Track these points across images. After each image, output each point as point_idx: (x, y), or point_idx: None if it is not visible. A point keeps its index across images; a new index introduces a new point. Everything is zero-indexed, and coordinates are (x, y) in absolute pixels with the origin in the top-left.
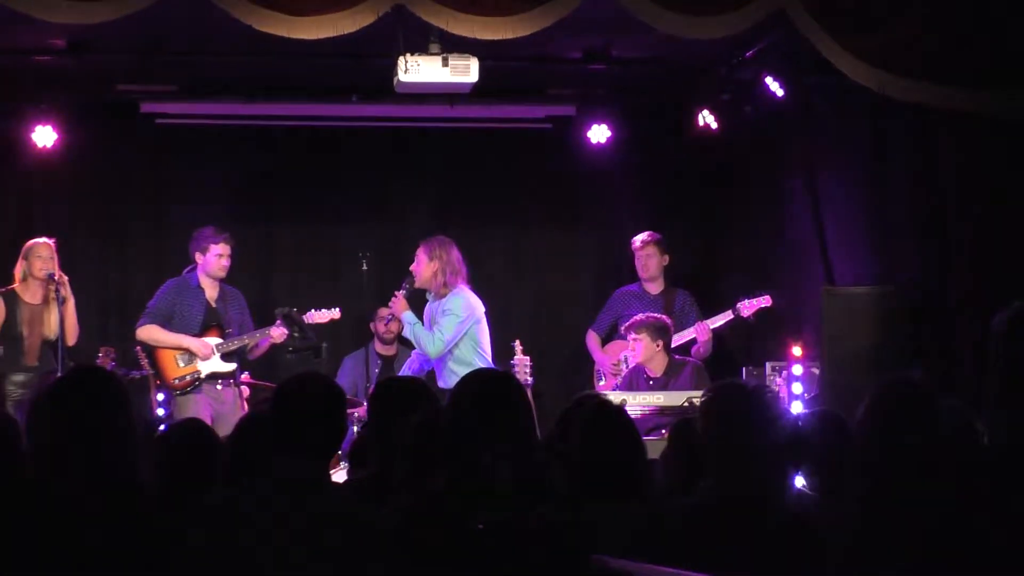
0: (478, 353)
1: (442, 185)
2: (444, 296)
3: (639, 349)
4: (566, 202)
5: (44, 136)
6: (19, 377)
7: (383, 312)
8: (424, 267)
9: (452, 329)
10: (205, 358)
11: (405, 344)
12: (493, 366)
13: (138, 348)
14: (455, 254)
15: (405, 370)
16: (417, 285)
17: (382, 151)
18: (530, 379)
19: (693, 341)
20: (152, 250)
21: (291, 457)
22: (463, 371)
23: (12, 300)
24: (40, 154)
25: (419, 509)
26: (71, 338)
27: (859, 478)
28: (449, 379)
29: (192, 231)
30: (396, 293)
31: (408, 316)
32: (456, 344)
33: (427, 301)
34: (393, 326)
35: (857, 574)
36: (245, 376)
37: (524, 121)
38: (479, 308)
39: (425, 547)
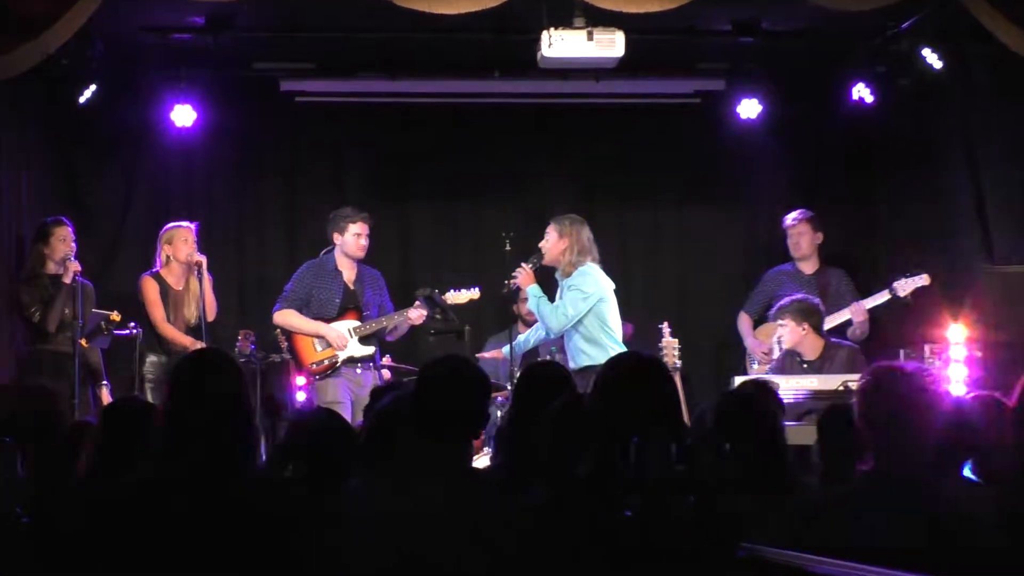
0: (605, 331)
1: (586, 163)
2: (570, 274)
3: (786, 334)
4: (714, 179)
5: (183, 116)
6: (156, 358)
7: (510, 283)
8: (554, 244)
9: (576, 305)
10: (341, 349)
11: None
12: (621, 345)
13: (278, 331)
14: (586, 233)
15: (524, 341)
16: (546, 262)
17: (524, 129)
18: (678, 363)
19: (848, 323)
20: (289, 231)
21: (433, 442)
22: (592, 350)
23: (160, 284)
24: (179, 134)
25: (564, 496)
26: (211, 314)
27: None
28: (579, 358)
29: (330, 212)
30: (523, 265)
31: (533, 289)
32: (581, 321)
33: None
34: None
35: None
36: (386, 359)
37: (671, 96)
38: (607, 286)
39: (570, 535)
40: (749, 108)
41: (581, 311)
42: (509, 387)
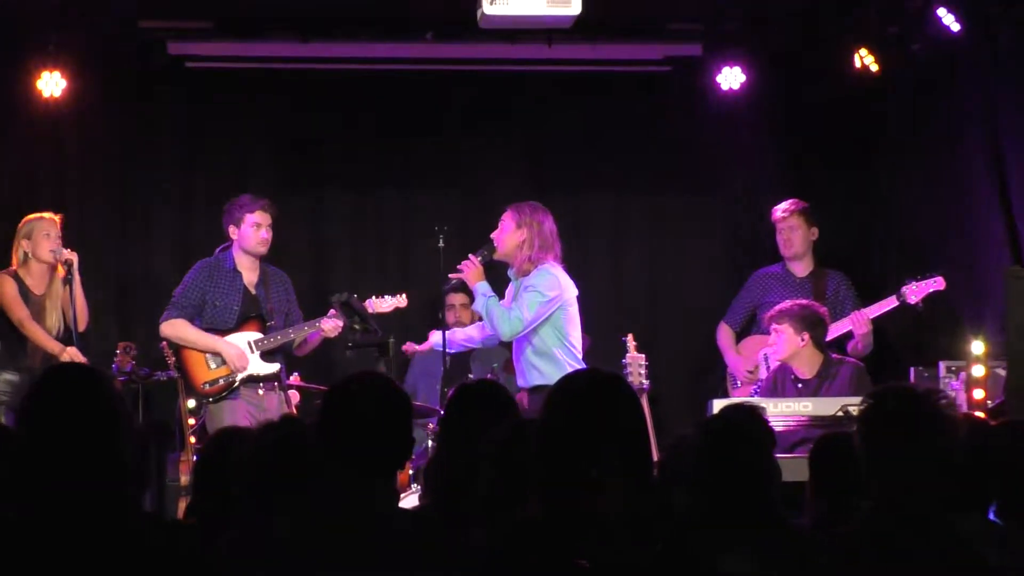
0: (564, 345)
1: (537, 143)
2: (528, 272)
3: (780, 343)
4: (689, 163)
5: (51, 84)
6: (11, 377)
7: (452, 276)
8: (509, 235)
9: (534, 308)
10: (240, 369)
11: None
12: (581, 363)
13: (164, 343)
14: (549, 225)
15: (457, 341)
16: (497, 256)
17: (463, 102)
18: (645, 382)
19: (849, 335)
20: (181, 224)
21: (342, 477)
22: (546, 366)
23: (19, 284)
24: (46, 106)
25: (509, 542)
26: (82, 323)
27: None
28: (529, 375)
29: (228, 200)
30: (471, 256)
31: (482, 286)
32: (536, 330)
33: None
34: (464, 314)
35: None
36: (294, 378)
37: (638, 64)
38: (570, 290)
39: None
40: (731, 78)
41: (538, 317)
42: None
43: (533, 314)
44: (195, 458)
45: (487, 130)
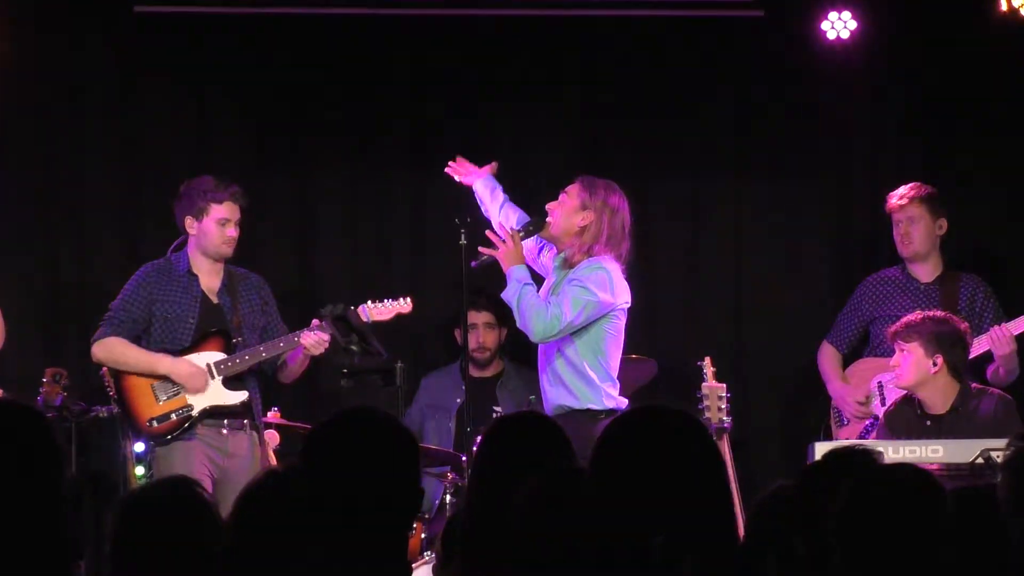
0: (599, 364)
1: (590, 109)
2: (578, 264)
3: (905, 367)
4: (786, 136)
5: None
6: None
7: (483, 251)
8: (570, 213)
9: (577, 307)
10: (196, 390)
11: (514, 358)
12: (616, 387)
13: (104, 370)
14: (624, 215)
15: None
16: (546, 235)
17: (496, 53)
18: (726, 420)
19: (987, 357)
20: (124, 217)
21: (336, 543)
22: (579, 385)
23: None
24: None
25: None
26: None
27: None
28: (555, 393)
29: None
30: (511, 232)
31: (519, 271)
32: (572, 338)
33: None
34: (489, 336)
35: None
36: (272, 414)
37: (721, 6)
38: (623, 296)
39: None
40: (838, 25)
41: (583, 320)
42: (464, 458)
43: (576, 314)
44: None
45: (527, 92)
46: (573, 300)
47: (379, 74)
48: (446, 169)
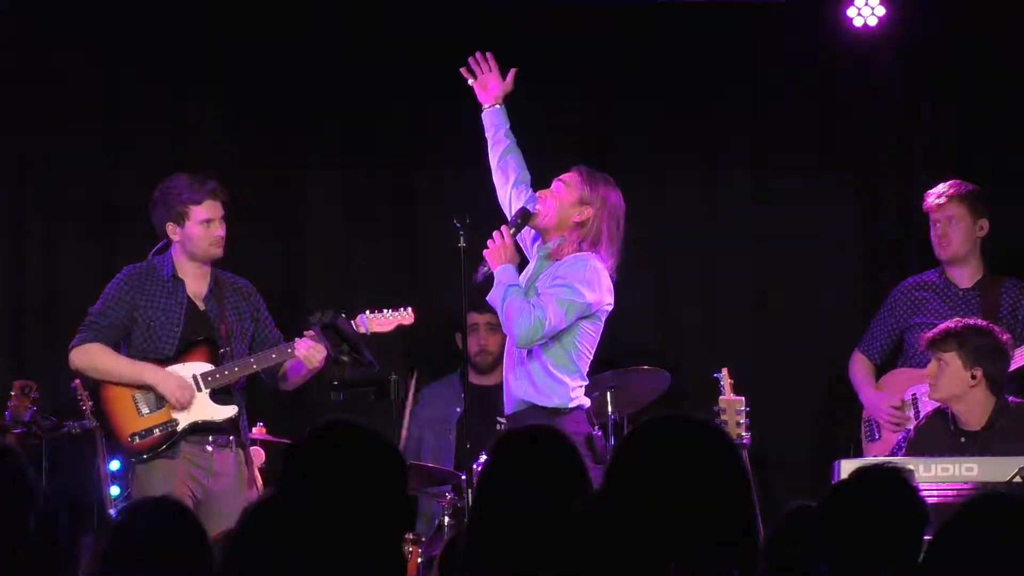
0: (572, 361)
1: (603, 97)
2: (562, 259)
3: (942, 378)
4: (811, 128)
5: None
6: None
7: (484, 263)
8: (566, 205)
9: (562, 308)
10: (182, 404)
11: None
12: (584, 380)
13: (77, 382)
14: (620, 215)
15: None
16: (535, 225)
17: (502, 39)
18: (745, 435)
19: None
20: (100, 219)
21: (324, 565)
22: (546, 380)
23: None
24: None
25: None
26: None
27: None
28: (518, 388)
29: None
30: (502, 229)
31: (507, 271)
32: (559, 339)
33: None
34: (491, 339)
35: None
36: (258, 430)
37: None
38: (609, 296)
39: None
40: (866, 11)
41: (567, 323)
42: (464, 477)
43: (559, 318)
44: None
45: (535, 80)
46: (558, 302)
47: (375, 67)
48: (464, 67)
